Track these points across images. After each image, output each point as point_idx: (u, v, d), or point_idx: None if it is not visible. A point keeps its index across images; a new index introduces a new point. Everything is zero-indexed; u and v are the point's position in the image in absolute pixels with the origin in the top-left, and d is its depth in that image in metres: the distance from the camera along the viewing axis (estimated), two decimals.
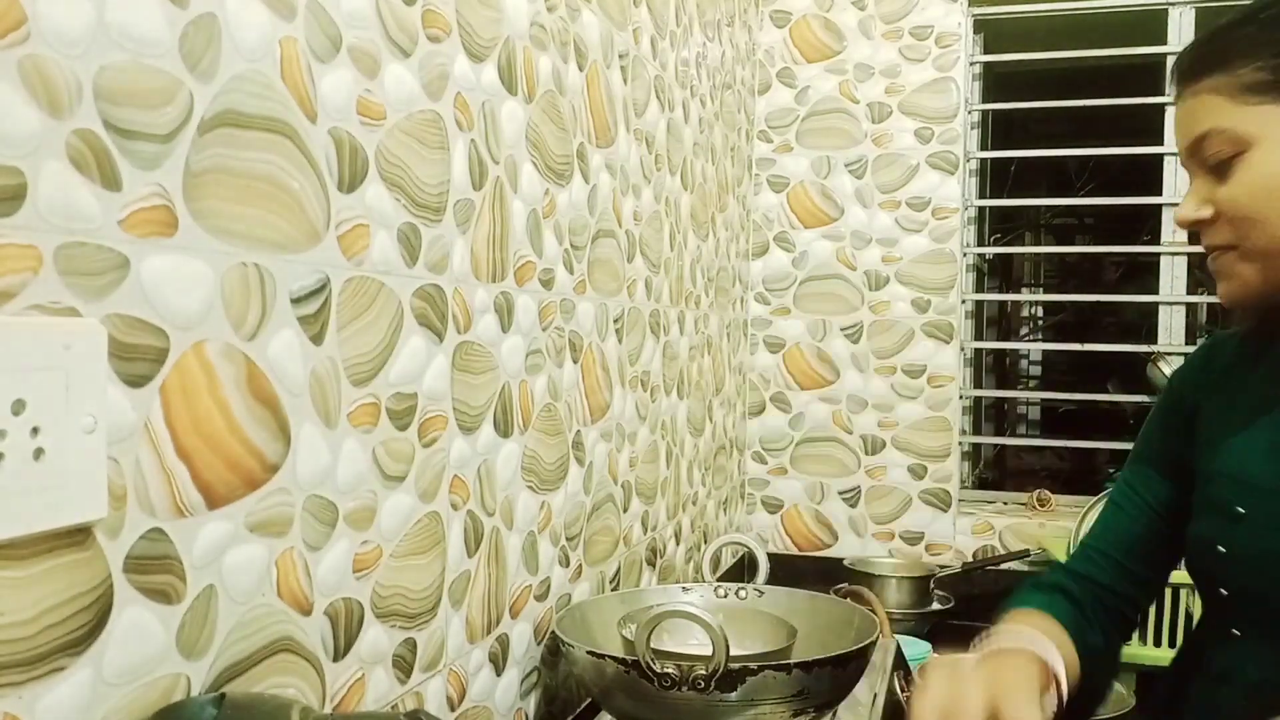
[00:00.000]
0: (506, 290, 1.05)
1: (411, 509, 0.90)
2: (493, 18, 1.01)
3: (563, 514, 1.21)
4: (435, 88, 0.91)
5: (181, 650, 0.65)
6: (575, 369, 1.23)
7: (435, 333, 0.92)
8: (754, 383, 2.23)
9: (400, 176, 0.86)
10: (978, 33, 2.23)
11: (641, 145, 1.45)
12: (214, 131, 0.66)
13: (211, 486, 0.66)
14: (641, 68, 1.44)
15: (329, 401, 0.78)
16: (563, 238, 1.18)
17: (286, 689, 0.75)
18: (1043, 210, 3.27)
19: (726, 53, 1.95)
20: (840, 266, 2.19)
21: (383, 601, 0.86)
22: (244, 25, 0.68)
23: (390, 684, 0.87)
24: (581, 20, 1.22)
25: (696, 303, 1.78)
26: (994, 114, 2.37)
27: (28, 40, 0.53)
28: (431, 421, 0.92)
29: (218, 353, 0.67)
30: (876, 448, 2.17)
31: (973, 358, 2.29)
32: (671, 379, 1.63)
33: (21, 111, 0.53)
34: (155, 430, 0.62)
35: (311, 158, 0.75)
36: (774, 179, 2.21)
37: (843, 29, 2.18)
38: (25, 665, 0.54)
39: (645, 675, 0.95)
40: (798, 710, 0.98)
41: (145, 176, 0.60)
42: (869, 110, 2.17)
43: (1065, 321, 3.54)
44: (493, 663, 1.06)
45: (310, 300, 0.75)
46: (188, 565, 0.65)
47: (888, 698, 1.18)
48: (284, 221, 0.72)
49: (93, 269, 0.57)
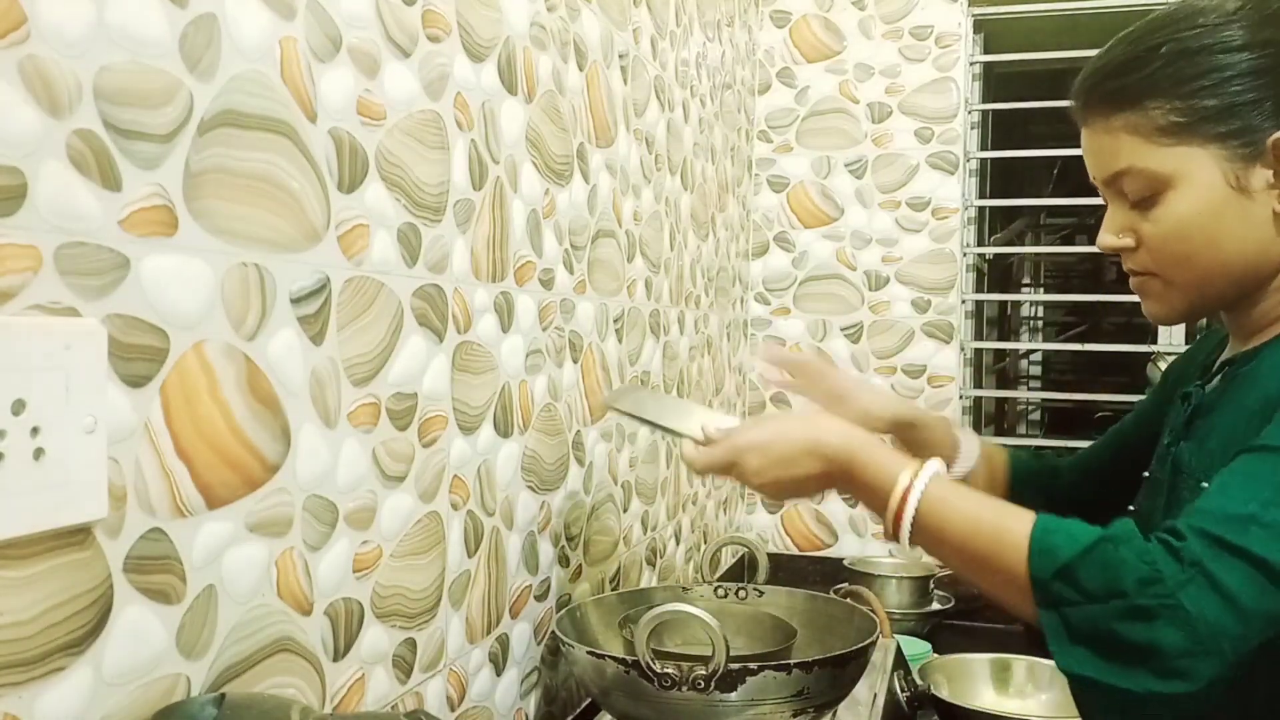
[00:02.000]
0: (506, 290, 1.05)
1: (411, 509, 0.90)
2: (493, 18, 1.01)
3: (563, 514, 1.21)
4: (435, 88, 0.91)
5: (181, 650, 0.65)
6: (575, 369, 1.23)
7: (435, 333, 0.92)
8: (754, 382, 2.23)
9: (400, 176, 0.86)
10: (978, 33, 2.23)
11: (641, 145, 1.45)
12: (214, 131, 0.66)
13: (211, 486, 0.66)
14: (641, 68, 1.44)
15: (329, 401, 0.78)
16: (563, 238, 1.18)
17: (286, 689, 0.75)
18: (1043, 210, 3.27)
19: (726, 53, 1.95)
20: (840, 267, 2.19)
21: (383, 601, 0.86)
22: (244, 25, 0.68)
23: (390, 684, 0.87)
24: (581, 20, 1.22)
25: (696, 303, 1.78)
26: (994, 114, 2.37)
27: (28, 40, 0.53)
28: (431, 421, 0.92)
29: (218, 353, 0.67)
30: None
31: (973, 358, 2.29)
32: (671, 379, 1.63)
33: (21, 111, 0.53)
34: (155, 430, 0.62)
35: (311, 158, 0.75)
36: (774, 179, 2.21)
37: (843, 29, 2.18)
38: (25, 665, 0.54)
39: (645, 675, 0.95)
40: (798, 710, 0.98)
41: (145, 176, 0.60)
42: (869, 110, 2.17)
43: (1065, 321, 3.55)
44: (493, 663, 1.06)
45: (310, 300, 0.75)
46: (188, 565, 0.65)
47: (888, 698, 1.18)
48: (284, 221, 0.72)
49: (93, 269, 0.57)
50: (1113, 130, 0.86)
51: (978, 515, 0.81)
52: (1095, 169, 0.90)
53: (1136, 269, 0.89)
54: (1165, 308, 0.90)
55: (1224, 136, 0.82)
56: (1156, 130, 0.84)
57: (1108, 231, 0.90)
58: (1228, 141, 0.82)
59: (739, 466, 0.93)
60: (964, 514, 0.81)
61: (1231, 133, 0.82)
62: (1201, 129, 0.82)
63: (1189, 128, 0.83)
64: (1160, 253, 0.86)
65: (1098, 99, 0.88)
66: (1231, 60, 0.82)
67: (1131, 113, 0.85)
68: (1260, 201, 0.83)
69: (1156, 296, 0.89)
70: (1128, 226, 0.88)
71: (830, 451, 0.89)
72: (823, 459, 0.89)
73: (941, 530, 0.82)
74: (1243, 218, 0.83)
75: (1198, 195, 0.83)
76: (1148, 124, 0.84)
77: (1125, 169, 0.86)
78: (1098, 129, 0.88)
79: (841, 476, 0.89)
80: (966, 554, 0.81)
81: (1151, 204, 0.85)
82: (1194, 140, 0.83)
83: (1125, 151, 0.86)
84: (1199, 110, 0.82)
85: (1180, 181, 0.84)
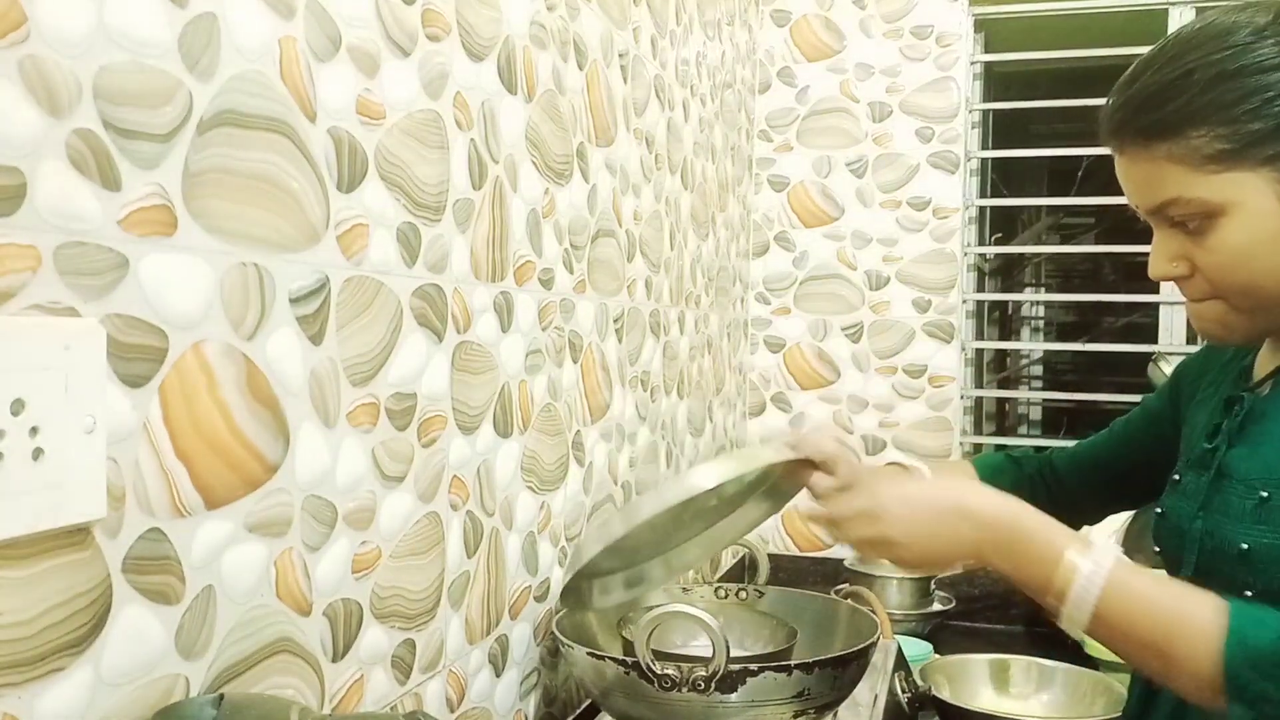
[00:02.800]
0: (506, 290, 1.05)
1: (411, 509, 0.89)
2: (492, 17, 1.01)
3: (563, 514, 1.21)
4: (435, 87, 0.91)
5: (180, 650, 0.65)
6: (575, 369, 1.23)
7: (435, 333, 0.92)
8: (754, 383, 2.23)
9: (400, 176, 0.86)
10: (978, 32, 2.23)
11: (641, 145, 1.45)
12: (213, 131, 0.66)
13: (210, 487, 0.66)
14: (641, 67, 1.44)
15: (328, 401, 0.78)
16: (563, 237, 1.18)
17: (285, 689, 0.74)
18: (1042, 210, 3.27)
19: (726, 52, 1.95)
20: (840, 266, 2.19)
21: (382, 602, 0.86)
22: (243, 25, 0.68)
23: (389, 685, 0.87)
24: (581, 20, 1.22)
25: (696, 303, 1.78)
26: (994, 114, 2.36)
27: (28, 40, 0.53)
28: (431, 421, 0.92)
29: (217, 353, 0.67)
30: (877, 448, 2.17)
31: (973, 358, 2.29)
32: (671, 379, 1.63)
33: (21, 111, 0.53)
34: (154, 430, 0.62)
35: (311, 157, 0.75)
36: (774, 179, 2.21)
37: (843, 28, 2.18)
38: (25, 665, 0.54)
39: (645, 676, 0.95)
40: (798, 711, 0.98)
41: (145, 176, 0.60)
42: (869, 110, 2.17)
43: (1066, 321, 3.54)
44: (492, 663, 1.06)
45: (309, 300, 0.75)
46: (187, 565, 0.65)
47: (888, 698, 1.18)
48: (283, 221, 0.72)
49: (92, 269, 0.57)
50: (1155, 160, 0.82)
51: (1159, 599, 0.78)
52: (1138, 198, 0.86)
53: (1196, 296, 0.87)
54: (1227, 331, 0.87)
55: (1275, 159, 0.79)
56: (1203, 159, 0.80)
57: (1160, 259, 0.86)
58: (1279, 164, 0.79)
59: (881, 520, 0.87)
60: (1146, 598, 0.79)
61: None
62: (1251, 153, 0.79)
63: (1237, 154, 0.79)
64: (1221, 282, 0.84)
65: (1133, 131, 0.84)
66: (1272, 80, 0.79)
67: (1174, 143, 0.81)
68: None
69: (1217, 320, 0.86)
70: (1180, 255, 0.85)
71: (987, 517, 0.84)
72: (977, 524, 0.85)
73: (1128, 618, 0.79)
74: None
75: (1253, 222, 0.80)
76: (1193, 153, 0.80)
77: (1173, 199, 0.82)
78: (1137, 159, 0.84)
79: (997, 545, 0.84)
80: (1145, 642, 0.79)
81: (1203, 231, 0.82)
82: (1244, 165, 0.79)
83: (1171, 182, 0.82)
84: (1245, 135, 0.79)
85: (1234, 209, 0.80)
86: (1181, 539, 0.91)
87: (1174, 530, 0.93)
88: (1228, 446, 0.89)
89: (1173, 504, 0.94)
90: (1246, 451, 0.87)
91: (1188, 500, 0.91)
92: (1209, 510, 0.88)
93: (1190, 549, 0.89)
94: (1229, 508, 0.86)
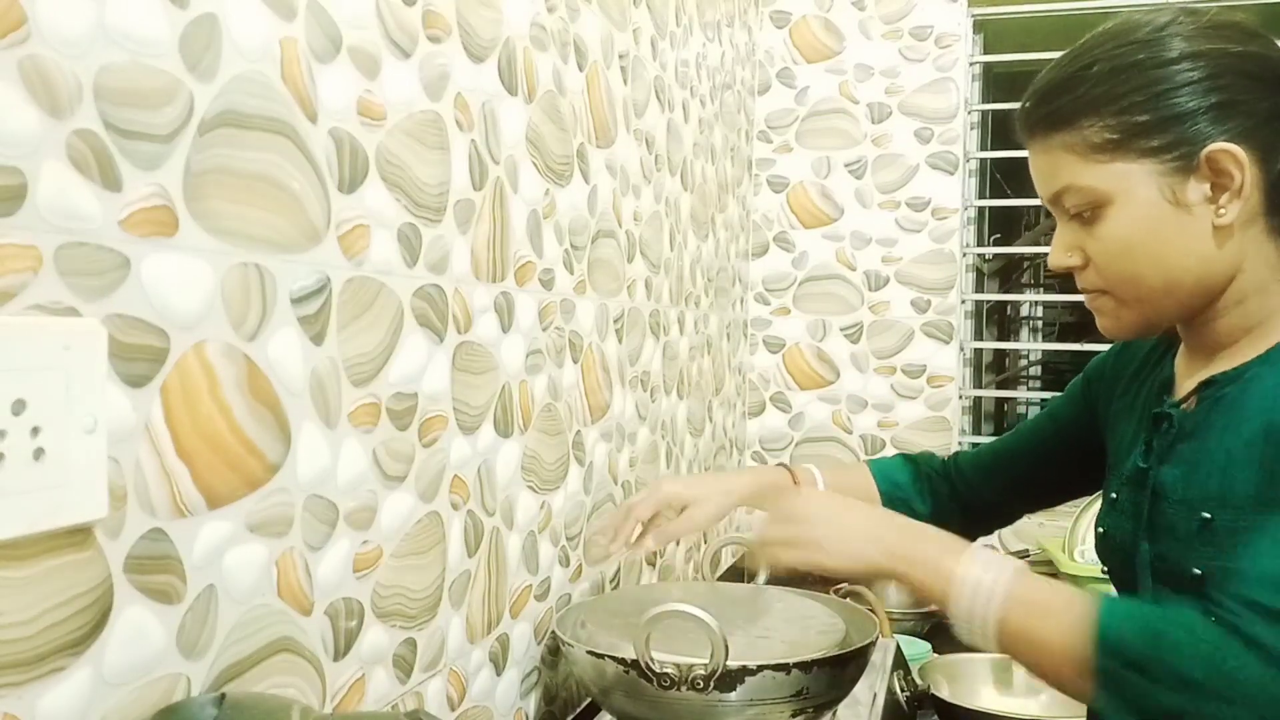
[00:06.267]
0: (506, 290, 1.05)
1: (412, 509, 0.90)
2: (493, 18, 1.01)
3: (563, 514, 1.21)
4: (435, 88, 0.91)
5: (181, 650, 0.65)
6: (575, 369, 1.23)
7: (435, 333, 0.92)
8: (754, 383, 2.24)
9: (400, 177, 0.86)
10: (978, 33, 2.23)
11: (641, 146, 1.45)
12: (214, 131, 0.66)
13: (212, 486, 0.66)
14: (641, 68, 1.44)
15: (329, 401, 0.78)
16: (563, 238, 1.19)
17: (286, 689, 0.75)
18: (1042, 211, 3.28)
19: (726, 53, 1.95)
20: (840, 267, 2.19)
21: (383, 601, 0.86)
22: (244, 26, 0.68)
23: (390, 684, 0.87)
24: (581, 20, 1.22)
25: (696, 303, 1.78)
26: (994, 114, 2.37)
27: (28, 40, 0.53)
28: (431, 421, 0.92)
29: (218, 353, 0.67)
30: (876, 448, 2.17)
31: (972, 358, 2.29)
32: (671, 379, 1.63)
33: (22, 111, 0.53)
34: (155, 430, 0.62)
35: (312, 158, 0.75)
36: (774, 179, 2.21)
37: (842, 29, 2.18)
38: (25, 665, 0.54)
39: (645, 675, 0.95)
40: (797, 710, 0.98)
41: (145, 177, 0.61)
42: (869, 110, 2.17)
43: (1065, 321, 3.54)
44: (493, 662, 1.06)
45: (310, 300, 0.76)
46: (188, 565, 0.65)
47: (887, 698, 1.18)
48: (284, 222, 0.73)
49: (93, 269, 0.57)
50: (1052, 150, 0.86)
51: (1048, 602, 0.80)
52: (1040, 188, 0.90)
53: (1088, 287, 0.89)
54: (1117, 324, 0.89)
55: (1157, 151, 0.81)
56: (1091, 148, 0.83)
57: (1058, 249, 0.89)
58: (1161, 155, 0.81)
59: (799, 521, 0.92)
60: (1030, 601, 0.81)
61: (1164, 146, 0.81)
62: (1134, 144, 0.82)
63: (1123, 144, 0.82)
64: (1107, 271, 0.86)
65: (1036, 120, 0.87)
66: (1162, 75, 0.81)
67: (1067, 132, 0.85)
68: (1199, 215, 0.82)
69: (1109, 314, 0.89)
70: (1075, 245, 0.88)
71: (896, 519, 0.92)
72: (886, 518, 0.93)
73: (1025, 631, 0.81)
74: (1183, 232, 0.82)
75: (1136, 211, 0.83)
76: (1083, 142, 0.84)
77: (1065, 187, 0.86)
78: (1039, 149, 0.88)
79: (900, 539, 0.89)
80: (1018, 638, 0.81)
81: (1094, 221, 0.85)
82: (1128, 156, 0.82)
83: (1065, 170, 0.85)
84: (1132, 126, 0.82)
85: (1119, 198, 0.83)
86: (1130, 561, 0.90)
87: (1119, 550, 0.93)
88: (1159, 464, 0.88)
89: (1114, 523, 0.94)
90: (1181, 472, 0.86)
91: (1128, 520, 0.91)
92: (1154, 532, 0.88)
93: (1143, 573, 0.89)
94: (1174, 530, 0.85)
